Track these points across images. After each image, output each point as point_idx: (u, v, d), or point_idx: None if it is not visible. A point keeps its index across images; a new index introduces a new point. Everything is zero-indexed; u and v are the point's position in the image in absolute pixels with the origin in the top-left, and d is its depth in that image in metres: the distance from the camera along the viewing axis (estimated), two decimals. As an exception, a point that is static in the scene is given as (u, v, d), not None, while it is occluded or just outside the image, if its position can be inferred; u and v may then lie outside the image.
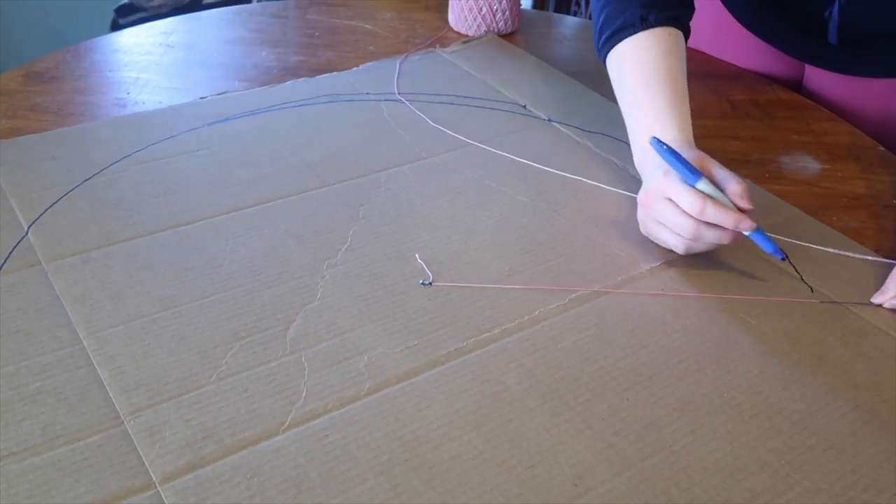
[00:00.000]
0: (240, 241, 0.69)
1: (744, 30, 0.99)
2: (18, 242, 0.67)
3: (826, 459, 0.54)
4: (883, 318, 0.66)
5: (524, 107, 0.91)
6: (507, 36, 1.09)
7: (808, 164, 0.84)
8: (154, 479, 0.50)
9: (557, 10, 2.15)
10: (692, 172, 0.65)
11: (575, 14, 2.16)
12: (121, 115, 0.85)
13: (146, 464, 0.51)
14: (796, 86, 1.03)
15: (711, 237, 0.66)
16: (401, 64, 0.98)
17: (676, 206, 0.65)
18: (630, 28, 0.76)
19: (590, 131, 0.88)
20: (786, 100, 0.97)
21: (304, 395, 0.56)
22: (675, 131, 0.71)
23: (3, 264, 0.65)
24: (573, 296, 0.66)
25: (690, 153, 0.68)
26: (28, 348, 0.58)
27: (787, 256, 0.66)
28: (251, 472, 0.51)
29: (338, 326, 0.62)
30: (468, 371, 0.59)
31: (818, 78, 0.99)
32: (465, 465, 0.52)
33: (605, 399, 0.58)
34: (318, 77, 0.94)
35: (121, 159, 0.78)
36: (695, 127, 0.74)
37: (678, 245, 0.68)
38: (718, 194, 0.65)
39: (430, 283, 0.66)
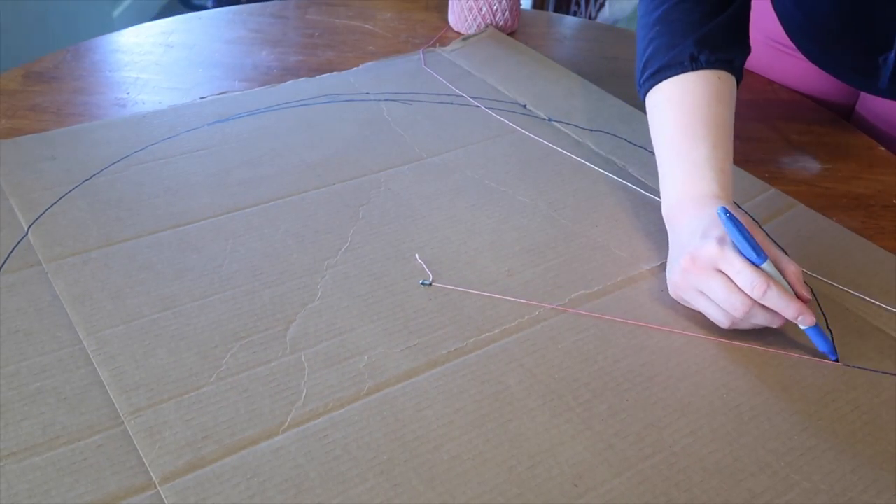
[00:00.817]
0: (240, 241, 0.69)
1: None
2: (18, 242, 0.67)
3: (826, 460, 0.54)
4: (884, 319, 0.66)
5: (524, 106, 0.91)
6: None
7: (808, 164, 0.84)
8: (154, 479, 0.50)
9: (557, 10, 2.15)
10: (758, 253, 0.59)
11: (575, 14, 2.16)
12: (120, 116, 0.85)
13: (146, 464, 0.51)
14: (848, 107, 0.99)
15: (762, 320, 0.60)
16: (401, 64, 0.98)
17: (730, 282, 0.60)
18: (677, 66, 0.70)
19: (590, 129, 0.88)
20: (785, 100, 0.98)
21: (304, 395, 0.56)
22: (714, 186, 0.66)
23: (3, 264, 0.65)
24: (573, 296, 0.66)
25: (716, 231, 0.62)
26: (28, 348, 0.58)
27: (838, 358, 0.61)
28: (251, 472, 0.51)
29: (338, 326, 0.62)
30: (468, 371, 0.59)
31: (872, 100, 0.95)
32: (465, 465, 0.52)
33: (604, 399, 0.58)
34: (317, 77, 0.94)
35: (120, 159, 0.78)
36: None
37: (722, 320, 0.62)
38: (779, 276, 0.60)
39: (430, 284, 0.66)
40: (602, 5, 1.50)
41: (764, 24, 0.96)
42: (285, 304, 0.63)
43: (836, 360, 0.61)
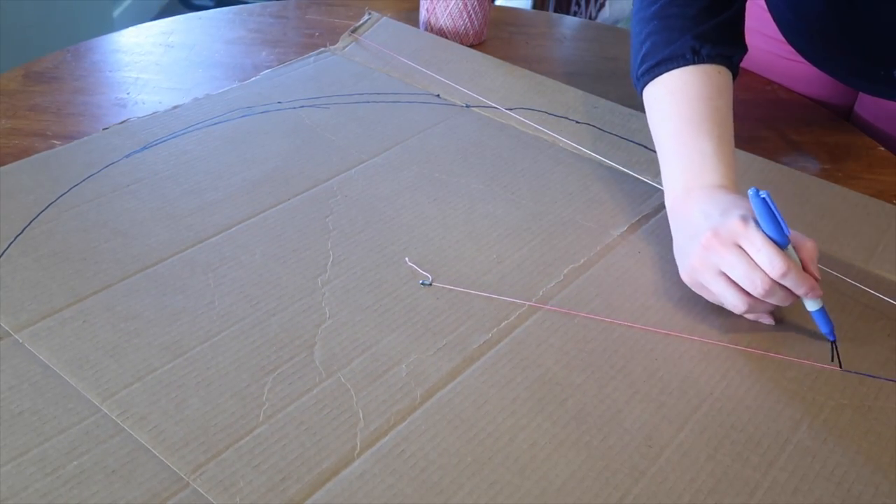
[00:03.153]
0: (220, 273, 0.66)
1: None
2: (-25, 315, 0.60)
3: (842, 379, 0.60)
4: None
5: (437, 96, 0.92)
6: (505, 34, 1.09)
7: (808, 164, 0.86)
8: (253, 532, 0.48)
9: (557, 10, 2.12)
10: (783, 235, 0.59)
11: (575, 14, 2.14)
12: (25, 160, 0.77)
13: (237, 519, 0.48)
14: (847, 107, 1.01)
15: (776, 300, 0.60)
16: (300, 68, 0.96)
17: (751, 259, 0.59)
18: (679, 59, 0.70)
19: (509, 109, 0.90)
20: (786, 100, 0.99)
21: (361, 415, 0.55)
22: (719, 176, 0.66)
23: (-30, 342, 0.58)
24: (565, 271, 0.69)
25: (739, 210, 0.62)
26: (44, 428, 0.53)
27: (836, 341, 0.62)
28: (346, 501, 0.50)
29: (362, 341, 0.61)
30: (506, 361, 0.60)
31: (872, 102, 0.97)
32: (546, 450, 0.54)
33: (637, 362, 0.61)
34: (220, 92, 0.90)
35: (47, 207, 0.72)
36: None
37: (738, 304, 0.61)
38: (795, 257, 0.60)
39: (431, 284, 0.66)
40: (602, 5, 1.52)
41: (761, 23, 0.97)
42: (298, 329, 0.61)
43: (834, 341, 0.62)
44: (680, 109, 0.69)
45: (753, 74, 1.03)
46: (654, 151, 0.83)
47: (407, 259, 0.69)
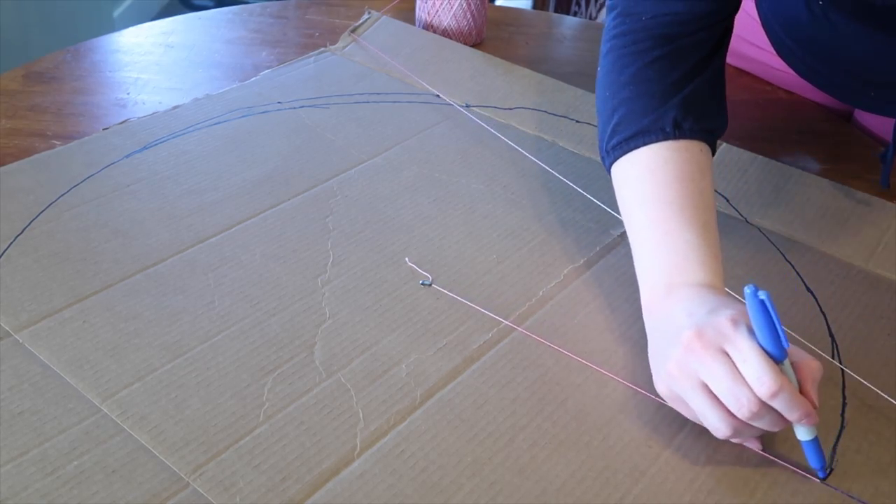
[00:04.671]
0: (220, 273, 0.66)
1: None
2: (-25, 316, 0.60)
3: (842, 379, 0.60)
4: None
5: (437, 96, 0.92)
6: (505, 34, 1.09)
7: (808, 164, 0.85)
8: (253, 532, 0.48)
9: (557, 10, 2.11)
10: (779, 348, 0.49)
11: (575, 14, 2.13)
12: (25, 160, 0.77)
13: (237, 519, 0.48)
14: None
15: (764, 424, 0.50)
16: (301, 68, 0.96)
17: (736, 371, 0.49)
18: (658, 133, 0.61)
19: (509, 109, 0.90)
20: (785, 100, 0.99)
21: (361, 415, 0.55)
22: (707, 273, 0.56)
23: (-30, 342, 0.58)
24: (565, 271, 0.69)
25: (730, 310, 0.52)
26: (44, 428, 0.53)
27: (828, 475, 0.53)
28: (347, 501, 0.50)
29: (362, 342, 0.61)
30: (505, 361, 0.60)
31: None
32: (546, 450, 0.54)
33: (636, 362, 0.61)
34: (220, 92, 0.90)
35: (47, 207, 0.71)
36: None
37: (720, 427, 0.51)
38: (792, 375, 0.50)
39: (431, 284, 0.66)
40: (602, 5, 1.52)
41: (761, 34, 0.94)
42: (298, 329, 0.61)
43: (823, 479, 0.53)
44: (660, 191, 0.60)
45: (754, 76, 1.03)
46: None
47: (407, 259, 0.69)
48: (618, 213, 0.67)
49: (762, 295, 0.48)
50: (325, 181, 0.77)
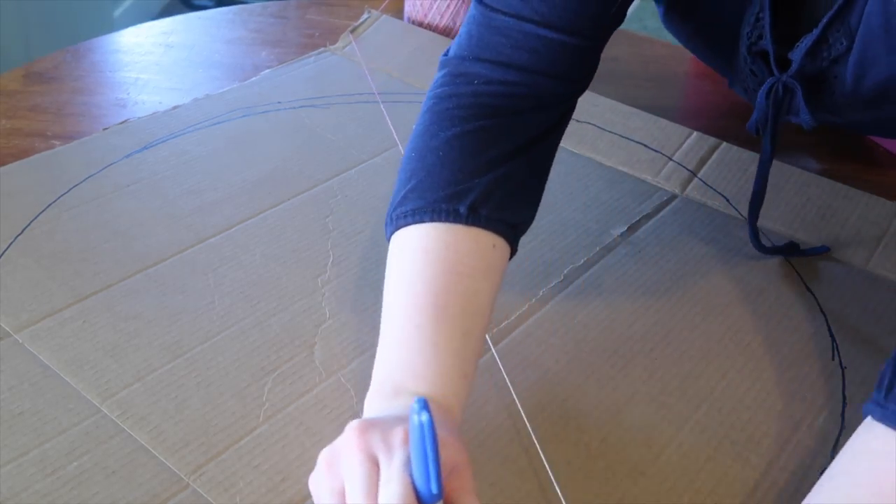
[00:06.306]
0: (219, 273, 0.66)
1: None
2: (-25, 316, 0.60)
3: (842, 379, 0.60)
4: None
5: (437, 96, 0.92)
6: None
7: (808, 164, 0.85)
8: (253, 533, 0.48)
9: None
10: (427, 489, 0.38)
11: None
12: (25, 160, 0.77)
13: (237, 520, 0.48)
14: None
15: None
16: (300, 67, 0.96)
17: (374, 487, 0.40)
18: (449, 213, 0.52)
19: (509, 112, 0.90)
20: None
21: (361, 416, 0.55)
22: (441, 389, 0.47)
23: (-31, 343, 0.58)
24: (566, 271, 0.69)
25: (448, 448, 0.42)
26: (44, 428, 0.53)
27: None
28: (347, 503, 0.50)
29: (361, 341, 0.61)
30: (506, 360, 0.60)
31: None
32: (546, 450, 0.54)
33: (636, 363, 0.61)
34: (220, 92, 0.90)
35: (47, 207, 0.72)
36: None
37: None
38: None
39: (431, 283, 0.66)
40: None
41: None
42: (298, 329, 0.61)
43: None
44: (428, 280, 0.50)
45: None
46: (656, 150, 0.83)
47: (407, 259, 0.68)
48: (618, 213, 0.67)
49: (424, 417, 0.38)
50: (325, 181, 0.77)
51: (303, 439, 0.53)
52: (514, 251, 0.56)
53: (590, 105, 0.91)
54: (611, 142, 0.85)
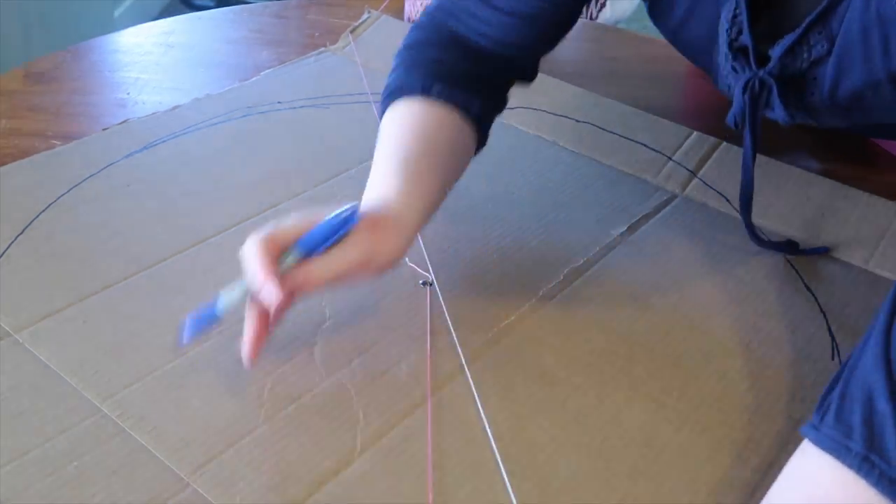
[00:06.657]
0: (219, 273, 0.66)
1: None
2: (-25, 316, 0.60)
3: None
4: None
5: (437, 96, 0.92)
6: None
7: (809, 164, 0.85)
8: (253, 533, 0.48)
9: None
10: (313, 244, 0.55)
11: None
12: (25, 160, 0.77)
13: (237, 520, 0.48)
14: None
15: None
16: (301, 68, 0.96)
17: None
18: (412, 90, 0.66)
19: (508, 108, 0.90)
20: None
21: (361, 416, 0.55)
22: (394, 190, 0.61)
23: (-31, 343, 0.58)
24: (565, 271, 0.69)
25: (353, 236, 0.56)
26: (45, 428, 0.53)
27: None
28: (346, 501, 0.50)
29: (361, 341, 0.61)
30: (506, 360, 0.60)
31: None
32: (546, 452, 0.54)
33: (637, 362, 0.61)
34: (220, 92, 0.90)
35: (47, 207, 0.72)
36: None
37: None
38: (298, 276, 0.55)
39: (432, 283, 0.66)
40: (603, 5, 1.51)
41: None
42: (298, 330, 0.61)
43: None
44: (392, 140, 0.65)
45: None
46: (656, 150, 0.84)
47: (407, 259, 0.69)
48: (618, 213, 0.68)
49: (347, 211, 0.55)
50: (325, 181, 0.77)
51: (303, 439, 0.53)
52: (481, 136, 0.70)
53: (590, 105, 0.91)
54: (611, 142, 0.86)
